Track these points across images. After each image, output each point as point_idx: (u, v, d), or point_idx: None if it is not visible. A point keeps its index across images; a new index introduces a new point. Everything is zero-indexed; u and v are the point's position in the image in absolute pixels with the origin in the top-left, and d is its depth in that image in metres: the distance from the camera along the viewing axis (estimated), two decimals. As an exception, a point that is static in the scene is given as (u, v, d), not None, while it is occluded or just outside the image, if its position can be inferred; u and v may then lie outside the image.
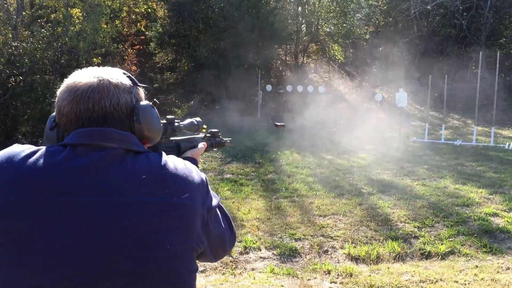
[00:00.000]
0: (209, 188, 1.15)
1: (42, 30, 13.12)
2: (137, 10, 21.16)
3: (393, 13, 24.98)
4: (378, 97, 15.36)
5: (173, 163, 1.08)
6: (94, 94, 1.06)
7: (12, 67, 11.88)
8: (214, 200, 1.15)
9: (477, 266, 4.56)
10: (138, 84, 1.16)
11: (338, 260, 4.87)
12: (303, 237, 5.40)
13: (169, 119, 1.45)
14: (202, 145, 1.55)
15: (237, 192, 7.35)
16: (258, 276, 4.38)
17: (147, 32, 21.34)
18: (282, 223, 5.84)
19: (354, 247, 5.09)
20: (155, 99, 1.19)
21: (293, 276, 4.38)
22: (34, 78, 12.29)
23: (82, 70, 1.12)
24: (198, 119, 1.60)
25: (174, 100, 20.68)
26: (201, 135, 1.67)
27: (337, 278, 4.29)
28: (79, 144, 1.02)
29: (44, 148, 1.03)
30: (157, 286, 1.00)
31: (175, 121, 1.47)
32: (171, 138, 1.48)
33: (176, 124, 1.46)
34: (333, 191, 7.40)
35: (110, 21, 16.87)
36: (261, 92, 17.63)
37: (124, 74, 1.15)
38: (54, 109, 1.12)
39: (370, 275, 4.32)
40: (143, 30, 21.85)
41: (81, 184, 0.98)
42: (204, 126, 1.63)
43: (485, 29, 23.09)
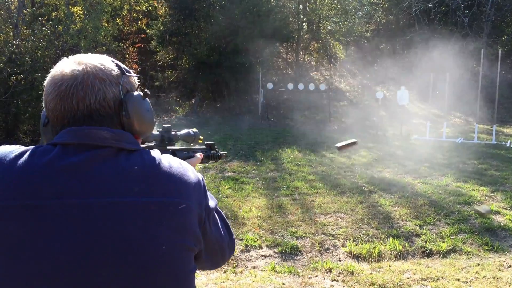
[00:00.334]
0: (207, 189, 1.11)
1: (43, 29, 13.12)
2: (138, 8, 21.15)
3: (394, 11, 24.92)
4: (380, 95, 15.34)
5: (168, 162, 1.04)
6: (78, 91, 1.00)
7: (13, 66, 11.88)
8: (212, 202, 1.12)
9: (479, 264, 4.55)
10: (127, 73, 1.09)
11: (340, 258, 4.87)
12: (304, 235, 5.40)
13: (166, 128, 1.44)
14: (199, 155, 1.52)
15: (238, 190, 7.35)
16: (260, 274, 4.38)
17: (148, 30, 21.33)
18: (283, 221, 5.84)
19: (356, 245, 5.09)
20: (146, 90, 1.13)
21: (294, 274, 4.38)
22: (35, 77, 12.29)
23: (68, 59, 1.06)
24: (195, 130, 1.58)
25: (175, 99, 20.67)
26: (197, 147, 1.64)
27: (339, 276, 4.29)
28: (70, 143, 0.98)
29: (33, 148, 0.99)
30: (155, 287, 0.97)
31: (172, 130, 1.45)
32: (168, 147, 1.45)
33: (173, 133, 1.45)
34: (334, 189, 7.40)
35: (111, 19, 16.88)
36: (262, 90, 17.61)
37: (113, 62, 1.08)
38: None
39: (372, 273, 4.31)
40: (144, 28, 21.84)
41: (71, 186, 0.94)
42: (201, 137, 1.61)
43: (487, 27, 23.03)
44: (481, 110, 14.96)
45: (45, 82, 1.06)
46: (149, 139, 1.38)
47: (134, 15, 21.57)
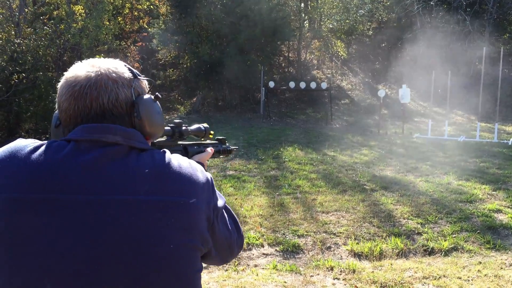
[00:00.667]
0: (215, 189, 1.13)
1: (45, 27, 13.13)
2: (140, 7, 21.14)
3: (396, 9, 24.86)
4: (381, 93, 15.32)
5: (178, 162, 1.06)
6: (92, 91, 1.03)
7: (15, 64, 11.89)
8: (220, 201, 1.13)
9: (481, 263, 4.55)
10: (139, 77, 1.13)
11: (341, 257, 4.87)
12: (306, 234, 5.40)
13: (177, 123, 1.45)
14: (210, 150, 1.54)
15: (240, 189, 7.35)
16: (261, 273, 4.38)
17: (150, 29, 21.33)
18: (285, 220, 5.84)
19: (357, 244, 5.09)
20: (158, 93, 1.16)
21: (296, 273, 4.38)
22: (37, 75, 12.31)
23: (82, 63, 1.10)
24: (206, 125, 1.59)
25: (177, 97, 20.68)
26: (208, 142, 1.66)
27: (340, 275, 4.29)
28: (83, 140, 1.01)
29: (48, 143, 1.02)
30: (161, 286, 0.99)
31: (183, 125, 1.47)
32: (179, 142, 1.47)
33: (184, 128, 1.46)
34: (336, 188, 7.40)
35: (113, 18, 16.87)
36: (264, 89, 17.60)
37: (125, 66, 1.12)
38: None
39: (373, 272, 4.31)
40: (146, 27, 21.84)
41: (83, 182, 0.96)
42: (211, 132, 1.62)
43: (489, 25, 22.98)
44: (483, 108, 14.93)
45: (59, 85, 1.09)
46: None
47: (136, 14, 21.56)
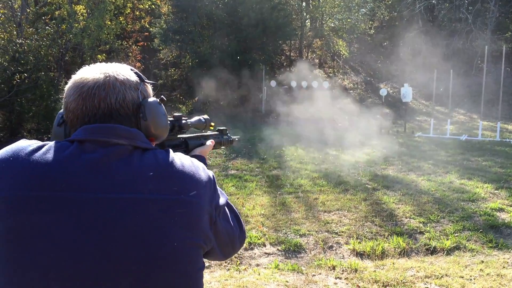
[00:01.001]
0: (217, 186, 1.14)
1: (47, 27, 13.14)
2: (141, 7, 21.15)
3: (398, 8, 24.84)
4: (383, 92, 15.31)
5: (180, 161, 1.07)
6: (100, 91, 1.05)
7: (17, 64, 11.91)
8: (222, 198, 1.15)
9: (483, 261, 4.54)
10: (145, 81, 1.15)
11: (343, 256, 4.87)
12: (308, 233, 5.40)
13: (177, 117, 1.44)
14: (210, 143, 1.54)
15: (242, 188, 7.36)
16: (263, 272, 4.38)
17: (151, 29, 21.32)
18: (287, 219, 5.84)
19: (359, 243, 5.09)
20: (163, 96, 1.17)
21: (298, 272, 4.38)
22: (39, 75, 12.32)
23: (90, 66, 1.12)
24: (206, 117, 1.58)
25: (179, 97, 20.68)
26: (209, 133, 1.65)
27: (342, 274, 4.29)
28: (87, 140, 1.02)
29: (51, 143, 1.03)
30: (163, 284, 0.99)
31: (183, 119, 1.45)
32: (179, 136, 1.46)
33: (184, 122, 1.45)
34: (338, 187, 7.39)
35: (114, 18, 16.87)
36: (266, 88, 17.59)
37: (132, 70, 1.14)
38: (60, 106, 1.12)
39: (375, 271, 4.31)
40: (147, 27, 21.84)
41: (87, 181, 0.97)
42: (212, 124, 1.61)
43: (491, 23, 22.92)
44: (485, 107, 14.91)
45: (66, 87, 1.10)
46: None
47: (137, 14, 21.56)
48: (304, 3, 24.11)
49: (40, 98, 12.54)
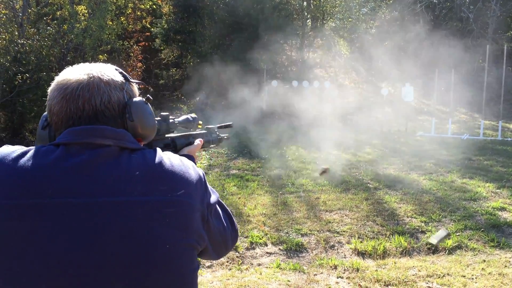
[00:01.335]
0: (208, 185, 1.12)
1: (48, 28, 13.16)
2: (142, 7, 21.14)
3: (399, 7, 24.81)
4: (385, 92, 15.29)
5: (169, 160, 1.05)
6: (84, 92, 1.03)
7: (19, 65, 11.93)
8: (213, 196, 1.13)
9: (485, 261, 4.54)
10: (131, 80, 1.13)
11: (345, 255, 4.87)
12: (310, 232, 5.40)
13: (164, 116, 1.42)
14: (199, 142, 1.52)
15: (243, 188, 7.36)
16: (265, 272, 4.39)
17: (152, 29, 21.32)
18: (288, 219, 5.84)
19: (361, 242, 5.09)
20: (149, 95, 1.15)
21: (300, 271, 4.38)
22: (41, 76, 12.33)
23: (73, 67, 1.09)
24: (194, 115, 1.57)
25: (180, 96, 20.68)
26: (197, 132, 1.62)
27: (344, 273, 4.29)
28: (72, 143, 0.99)
29: (36, 148, 1.00)
30: (158, 286, 0.98)
31: (170, 118, 1.44)
32: (167, 135, 1.44)
33: (171, 121, 1.43)
34: (339, 186, 7.39)
35: (116, 18, 16.88)
36: (267, 88, 17.59)
37: (116, 70, 1.11)
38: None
39: (377, 270, 4.31)
40: (149, 27, 21.83)
41: (75, 185, 0.95)
42: (200, 122, 1.60)
43: (492, 22, 22.89)
44: (487, 106, 14.89)
45: (49, 88, 1.08)
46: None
47: (138, 14, 21.55)
48: (305, 3, 24.08)
49: (42, 99, 12.54)
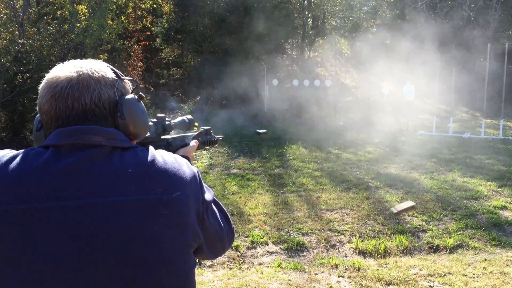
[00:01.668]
0: (203, 182, 1.11)
1: (49, 27, 13.16)
2: (143, 6, 21.13)
3: (400, 6, 24.79)
4: (385, 90, 15.27)
5: (162, 158, 1.04)
6: (74, 91, 1.01)
7: (19, 65, 11.93)
8: (208, 194, 1.12)
9: (486, 260, 4.53)
10: (122, 77, 1.10)
11: (346, 254, 4.87)
12: (310, 232, 5.40)
13: (160, 117, 1.42)
14: (194, 143, 1.51)
15: (244, 187, 7.36)
16: (266, 271, 4.38)
17: (153, 28, 21.32)
18: (289, 218, 5.84)
19: (362, 241, 5.08)
20: (141, 93, 1.13)
21: (301, 271, 4.38)
22: (41, 75, 12.18)
23: (63, 64, 1.08)
24: (190, 117, 1.57)
25: (181, 96, 20.68)
26: (193, 133, 1.62)
27: (345, 272, 4.29)
28: (62, 145, 0.98)
29: (26, 151, 0.98)
30: (155, 285, 0.97)
31: (166, 119, 1.43)
32: (162, 137, 1.43)
33: (167, 122, 1.43)
34: (340, 185, 7.39)
35: (116, 17, 16.87)
36: (268, 87, 17.58)
37: (108, 67, 1.09)
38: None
39: (378, 269, 4.31)
40: (149, 26, 21.82)
41: (66, 187, 0.93)
42: (196, 124, 1.59)
43: (493, 21, 22.85)
44: (488, 105, 14.87)
45: (40, 86, 1.06)
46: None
47: (139, 13, 21.54)
48: (306, 2, 24.05)
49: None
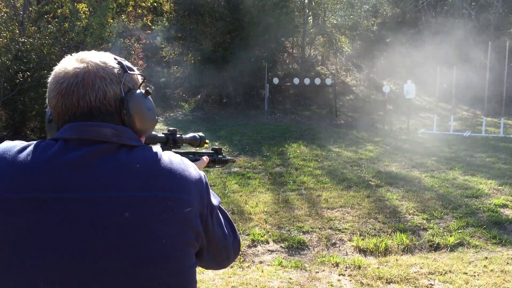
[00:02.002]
0: (209, 187, 1.11)
1: (49, 26, 13.14)
2: (143, 5, 21.15)
3: (401, 4, 24.76)
4: (386, 89, 15.26)
5: (169, 158, 1.05)
6: (79, 89, 1.02)
7: (20, 63, 11.93)
8: (214, 200, 1.12)
9: (487, 258, 4.53)
10: (129, 71, 1.09)
11: (346, 253, 4.86)
12: (311, 230, 5.40)
13: (172, 131, 1.43)
14: (205, 159, 1.52)
15: (245, 186, 7.35)
16: (266, 269, 4.38)
17: (153, 27, 21.32)
18: (290, 216, 5.84)
19: (362, 240, 5.08)
20: (148, 88, 1.13)
21: (301, 269, 4.38)
22: (42, 74, 12.32)
23: (71, 57, 1.08)
24: (201, 134, 1.58)
25: (181, 94, 20.68)
26: (204, 151, 1.63)
27: (346, 271, 4.29)
28: (71, 139, 1.00)
29: (36, 143, 1.01)
30: (154, 281, 0.97)
31: (177, 133, 1.45)
32: (173, 150, 1.44)
33: (178, 136, 1.44)
34: (341, 184, 7.38)
35: (117, 16, 16.87)
36: (268, 85, 17.58)
37: (115, 60, 1.09)
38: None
39: (379, 267, 4.30)
40: (150, 25, 21.84)
41: (72, 180, 0.95)
42: (207, 141, 1.61)
43: (494, 19, 22.82)
44: (489, 103, 14.85)
45: (49, 79, 1.08)
46: (151, 138, 1.39)
47: (139, 12, 21.57)
48: (306, 0, 24.03)
49: (43, 97, 12.53)
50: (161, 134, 1.42)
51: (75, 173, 0.96)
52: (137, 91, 1.10)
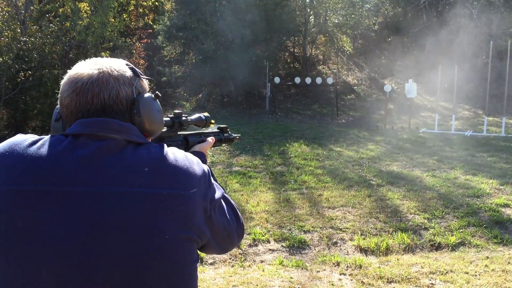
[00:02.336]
0: (212, 180, 1.14)
1: (51, 25, 13.17)
2: (145, 4, 21.13)
3: (402, 3, 24.72)
4: (387, 88, 15.25)
5: (174, 155, 1.07)
6: (94, 87, 1.06)
7: (21, 62, 11.95)
8: (218, 192, 1.15)
9: (488, 257, 4.53)
10: (141, 76, 1.16)
11: (348, 252, 4.86)
12: (312, 229, 5.40)
13: (177, 113, 1.45)
14: (211, 140, 1.56)
15: (246, 185, 7.36)
16: (267, 268, 4.38)
17: (155, 26, 21.31)
18: (291, 215, 5.84)
19: (364, 239, 5.08)
20: (157, 92, 1.18)
21: (302, 268, 4.38)
22: (43, 73, 12.36)
23: (85, 61, 1.13)
24: (206, 114, 1.60)
25: (182, 94, 20.69)
26: (210, 130, 1.65)
27: (347, 270, 4.29)
28: (81, 134, 1.03)
29: (47, 137, 1.04)
30: (156, 276, 0.99)
31: (183, 116, 1.46)
32: (179, 133, 1.47)
33: (184, 119, 1.46)
34: (342, 183, 7.38)
35: (118, 15, 16.87)
36: (269, 84, 17.58)
37: (127, 65, 1.14)
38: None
39: (380, 267, 4.30)
40: (151, 24, 21.82)
41: (79, 175, 0.98)
42: (212, 121, 1.62)
43: (496, 18, 22.78)
44: (490, 103, 14.83)
45: (62, 82, 1.12)
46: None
47: (141, 11, 21.53)
48: (308, -1, 24.01)
49: (45, 96, 12.57)
50: (167, 118, 1.43)
51: (84, 168, 0.99)
52: (147, 94, 1.15)
